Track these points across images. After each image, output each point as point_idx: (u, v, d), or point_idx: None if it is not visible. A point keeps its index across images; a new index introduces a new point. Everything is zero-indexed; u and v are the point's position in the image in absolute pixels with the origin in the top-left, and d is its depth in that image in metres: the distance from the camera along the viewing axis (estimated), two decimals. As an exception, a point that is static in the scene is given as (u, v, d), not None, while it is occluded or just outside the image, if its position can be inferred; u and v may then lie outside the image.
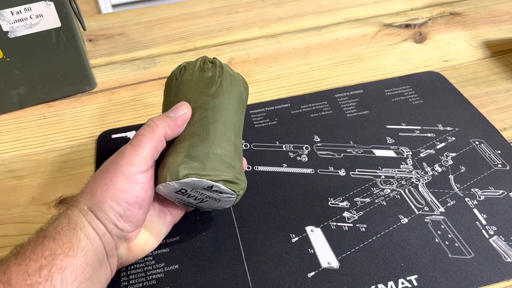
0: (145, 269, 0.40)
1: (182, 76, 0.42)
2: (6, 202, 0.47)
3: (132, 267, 0.40)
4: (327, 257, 0.40)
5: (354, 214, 0.44)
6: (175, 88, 0.42)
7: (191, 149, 0.37)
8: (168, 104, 0.42)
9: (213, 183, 0.36)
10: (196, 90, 0.41)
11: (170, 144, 0.39)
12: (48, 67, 0.57)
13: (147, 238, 0.39)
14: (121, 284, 0.39)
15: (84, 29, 0.59)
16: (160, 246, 0.41)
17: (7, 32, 0.52)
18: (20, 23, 0.52)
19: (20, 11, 0.51)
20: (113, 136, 0.54)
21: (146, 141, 0.37)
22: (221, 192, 0.37)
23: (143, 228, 0.39)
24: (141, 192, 0.36)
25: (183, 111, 0.39)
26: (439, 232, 0.42)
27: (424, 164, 0.48)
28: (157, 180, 0.38)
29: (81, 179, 0.50)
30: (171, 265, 0.40)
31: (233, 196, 0.38)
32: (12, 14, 0.51)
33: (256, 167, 0.49)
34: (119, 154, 0.37)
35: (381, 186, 0.46)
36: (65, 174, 0.50)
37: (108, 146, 0.53)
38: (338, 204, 0.45)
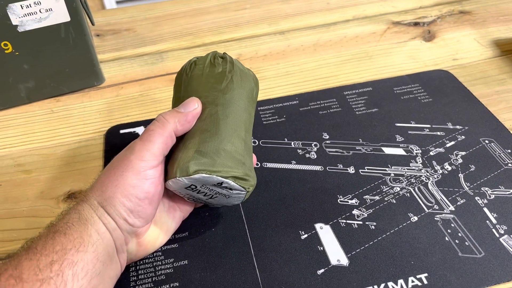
0: (154, 264, 0.40)
1: (192, 71, 0.42)
2: (14, 196, 0.47)
3: (141, 262, 0.40)
4: (336, 254, 0.40)
5: (364, 212, 0.43)
6: (185, 84, 0.42)
7: (201, 145, 0.37)
8: (178, 100, 0.42)
9: (223, 179, 0.36)
10: (206, 85, 0.40)
11: (180, 139, 0.39)
12: (57, 62, 0.57)
13: (157, 234, 0.39)
14: (131, 279, 0.39)
15: (93, 24, 0.59)
16: (169, 242, 0.41)
17: (16, 26, 0.52)
18: (30, 17, 0.52)
19: (29, 5, 0.51)
20: (121, 131, 0.54)
21: (156, 136, 0.37)
22: (230, 189, 0.37)
23: (153, 224, 0.39)
24: (151, 187, 0.36)
25: (193, 106, 0.39)
26: (449, 231, 0.42)
27: (434, 163, 0.48)
28: (167, 175, 0.38)
29: (89, 174, 0.50)
30: (180, 261, 0.40)
31: (243, 192, 0.38)
32: (22, 8, 0.51)
33: (265, 163, 0.49)
34: (129, 150, 0.37)
35: (391, 184, 0.46)
36: (74, 168, 0.50)
37: (116, 141, 0.53)
38: (348, 202, 0.45)
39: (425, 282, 0.38)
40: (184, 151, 0.37)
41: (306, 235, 0.42)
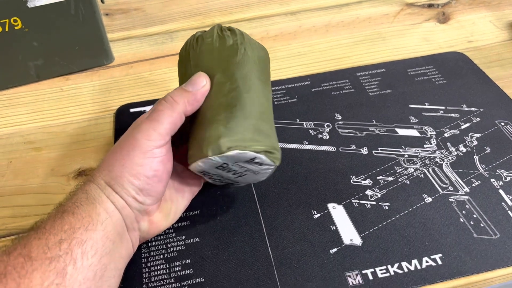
0: (166, 241, 0.40)
1: (200, 46, 0.40)
2: (25, 172, 0.47)
3: (153, 239, 0.40)
4: (349, 234, 0.40)
5: (377, 192, 0.43)
6: (195, 59, 0.40)
7: (229, 121, 0.35)
8: (187, 76, 0.40)
9: (256, 154, 0.34)
10: (220, 59, 0.39)
11: (194, 117, 0.38)
12: (66, 39, 0.56)
13: (167, 212, 0.39)
14: (142, 256, 0.39)
15: (102, 2, 0.58)
16: (180, 219, 0.41)
17: (26, 1, 0.51)
18: (39, -8, 0.51)
19: (39, -20, 0.50)
20: (131, 110, 0.54)
21: (164, 117, 0.36)
22: (260, 164, 0.36)
23: (163, 202, 0.39)
24: (159, 165, 0.35)
25: (202, 83, 0.37)
26: (464, 212, 0.41)
27: (448, 144, 0.47)
28: (190, 157, 0.36)
29: (99, 152, 0.49)
30: (192, 238, 0.40)
31: (271, 167, 0.36)
32: (32, -17, 0.50)
33: (277, 143, 0.48)
34: (136, 129, 0.36)
35: (405, 165, 0.45)
36: (84, 146, 0.50)
37: (127, 120, 0.53)
38: (361, 182, 0.44)
39: (440, 262, 0.37)
40: (209, 129, 0.35)
41: (318, 215, 0.41)
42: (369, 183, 0.44)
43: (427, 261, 0.38)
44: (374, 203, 0.42)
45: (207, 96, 0.38)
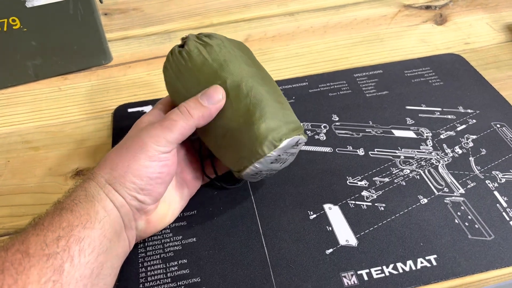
0: (162, 241, 0.40)
1: (190, 60, 0.39)
2: (22, 172, 0.47)
3: (150, 239, 0.40)
4: (345, 234, 0.40)
5: (373, 193, 0.43)
6: (193, 74, 0.39)
7: (265, 117, 0.36)
8: (191, 92, 0.38)
9: (299, 136, 0.37)
10: (220, 65, 0.38)
11: (214, 127, 0.38)
12: (65, 39, 0.56)
13: (165, 211, 0.39)
14: (139, 255, 0.39)
15: (101, 2, 0.58)
16: (177, 219, 0.41)
17: (24, 1, 0.51)
18: (38, -8, 0.51)
19: (38, -20, 0.50)
20: (129, 110, 0.54)
21: (177, 127, 0.36)
22: (298, 145, 0.38)
23: (161, 201, 0.39)
24: (163, 168, 0.36)
25: (218, 97, 0.37)
26: (459, 213, 0.41)
27: (444, 146, 0.48)
28: (240, 164, 0.37)
29: (97, 151, 0.49)
30: (189, 238, 0.40)
31: (303, 144, 0.39)
32: (30, -17, 0.50)
33: (274, 144, 0.48)
34: (145, 132, 0.36)
35: (401, 166, 0.46)
36: (81, 146, 0.50)
37: (125, 119, 0.53)
38: (357, 183, 0.44)
39: (434, 263, 0.38)
40: (250, 131, 0.36)
41: (314, 215, 0.42)
42: (365, 184, 0.44)
43: (422, 262, 0.38)
44: (370, 204, 0.42)
45: (227, 102, 0.38)
